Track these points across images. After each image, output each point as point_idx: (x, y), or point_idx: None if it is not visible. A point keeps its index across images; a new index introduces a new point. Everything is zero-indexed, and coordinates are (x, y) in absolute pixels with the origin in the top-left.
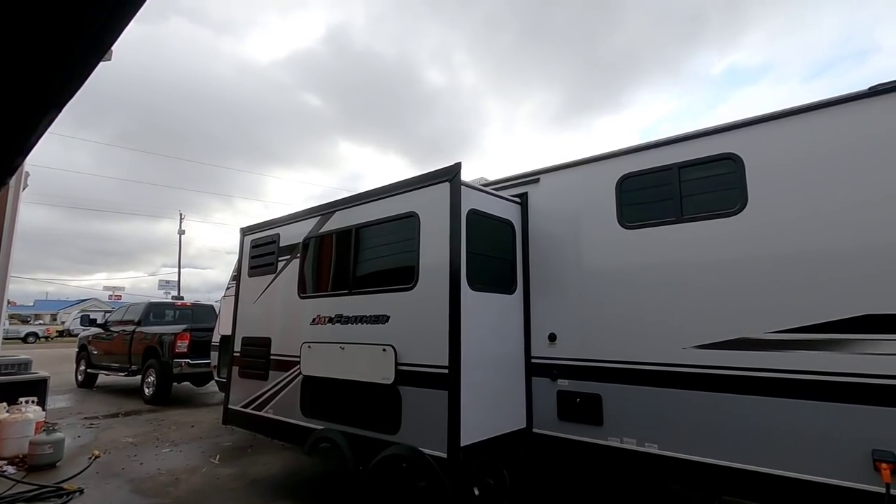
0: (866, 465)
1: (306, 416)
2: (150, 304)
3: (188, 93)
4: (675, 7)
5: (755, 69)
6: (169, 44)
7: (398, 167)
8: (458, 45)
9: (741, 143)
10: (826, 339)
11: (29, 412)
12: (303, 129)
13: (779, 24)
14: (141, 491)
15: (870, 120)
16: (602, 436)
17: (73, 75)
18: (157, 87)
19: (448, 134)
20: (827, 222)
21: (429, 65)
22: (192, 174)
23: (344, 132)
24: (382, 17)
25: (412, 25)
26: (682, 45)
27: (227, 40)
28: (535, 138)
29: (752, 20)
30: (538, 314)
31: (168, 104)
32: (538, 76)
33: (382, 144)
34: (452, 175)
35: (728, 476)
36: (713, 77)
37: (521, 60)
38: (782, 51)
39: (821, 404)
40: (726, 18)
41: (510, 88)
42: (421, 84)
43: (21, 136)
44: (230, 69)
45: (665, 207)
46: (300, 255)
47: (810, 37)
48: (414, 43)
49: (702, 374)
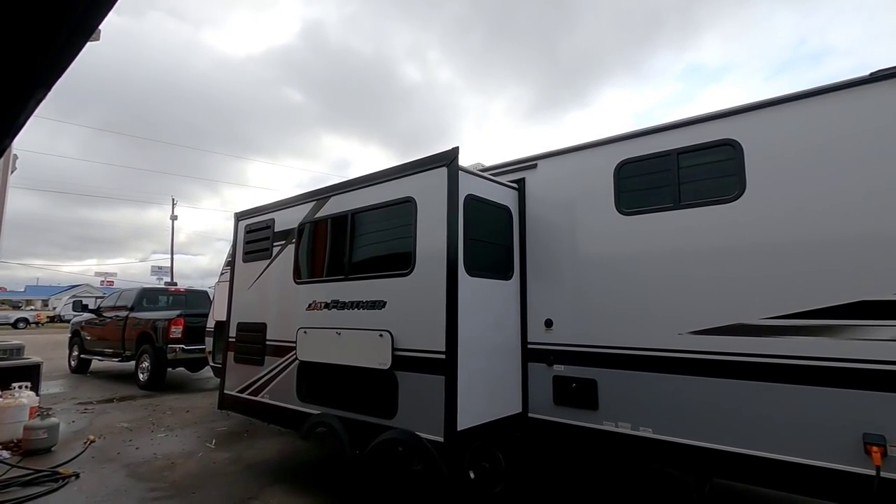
0: (857, 448)
1: (303, 402)
2: (144, 290)
3: (167, 86)
4: (631, 8)
5: (716, 69)
6: (148, 38)
7: (379, 159)
8: (431, 43)
9: (741, 128)
10: (821, 325)
11: (22, 397)
12: (285, 122)
13: (731, 28)
14: (137, 475)
15: (870, 106)
16: (597, 420)
17: (61, 53)
18: (136, 81)
19: (427, 128)
20: (824, 209)
21: (405, 61)
22: (177, 162)
23: (326, 125)
24: (354, 17)
25: (384, 25)
26: (642, 46)
27: (206, 35)
28: (512, 131)
29: (704, 22)
30: (535, 300)
31: (148, 97)
32: (509, 73)
33: (364, 137)
34: (450, 160)
35: (721, 459)
36: (676, 75)
37: (492, 59)
38: (738, 53)
39: (814, 389)
40: (681, 20)
41: (484, 84)
42: (398, 80)
43: (8, 117)
44: (208, 63)
45: (663, 193)
46: (295, 240)
47: (763, 39)
48: (388, 41)
49: (697, 360)
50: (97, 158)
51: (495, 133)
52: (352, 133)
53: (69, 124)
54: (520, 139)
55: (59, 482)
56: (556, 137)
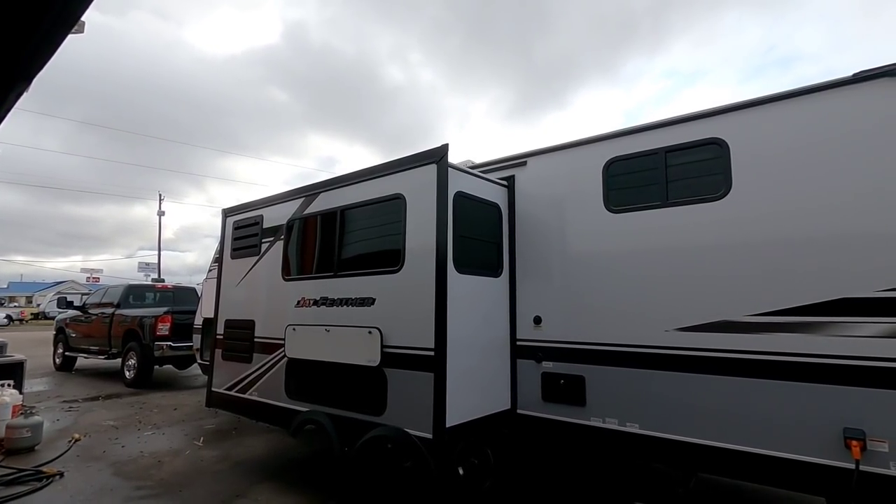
0: (838, 442)
1: (291, 399)
2: (130, 287)
3: (149, 84)
4: (605, 13)
5: (689, 74)
6: (130, 36)
7: (365, 157)
8: (412, 45)
9: (727, 127)
10: (804, 322)
11: (5, 395)
12: (270, 121)
13: (700, 34)
14: (123, 474)
15: (854, 106)
16: (585, 416)
17: (42, 45)
18: (119, 79)
19: (411, 128)
20: (808, 208)
21: (387, 63)
22: (161, 159)
23: (311, 124)
24: (335, 19)
25: (365, 27)
26: (616, 50)
27: (187, 34)
28: (493, 132)
29: (676, 28)
30: (524, 297)
31: (130, 95)
32: (489, 76)
33: (349, 137)
34: (439, 157)
35: (706, 454)
36: (651, 79)
37: (472, 61)
38: (710, 58)
39: (797, 385)
40: (654, 25)
41: (465, 86)
42: (382, 81)
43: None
44: (191, 62)
45: (651, 192)
46: (284, 237)
47: (733, 46)
48: (370, 43)
49: (684, 356)
50: (80, 154)
51: (477, 133)
52: (337, 132)
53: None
54: (501, 139)
55: (42, 481)
56: (536, 137)
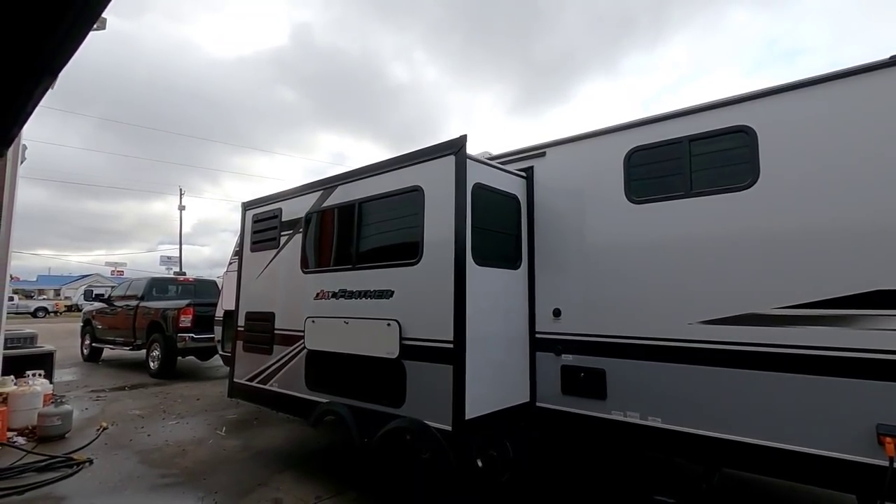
0: (870, 439)
1: (311, 390)
2: (153, 280)
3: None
4: (603, 10)
5: (693, 67)
6: (144, 39)
7: (373, 153)
8: (415, 44)
9: (755, 115)
10: (835, 315)
11: (36, 385)
12: (280, 119)
13: (699, 30)
14: (149, 462)
15: (888, 90)
16: (605, 409)
17: (66, 40)
18: (134, 79)
19: (418, 123)
20: (839, 197)
21: (392, 61)
22: (178, 155)
23: (320, 122)
24: (339, 20)
25: (368, 28)
26: (616, 46)
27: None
28: (498, 126)
29: (675, 24)
30: (543, 289)
31: (146, 94)
32: (492, 72)
33: (357, 133)
34: (458, 148)
35: (731, 449)
36: (653, 72)
37: (474, 58)
38: (709, 53)
39: (827, 379)
40: (652, 19)
41: (469, 82)
42: (387, 79)
43: (16, 105)
44: (203, 63)
45: (674, 182)
46: (302, 229)
47: (735, 40)
48: (374, 42)
49: (708, 350)
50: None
51: (483, 127)
52: (345, 129)
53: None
54: (507, 133)
55: (73, 468)
56: (540, 131)
